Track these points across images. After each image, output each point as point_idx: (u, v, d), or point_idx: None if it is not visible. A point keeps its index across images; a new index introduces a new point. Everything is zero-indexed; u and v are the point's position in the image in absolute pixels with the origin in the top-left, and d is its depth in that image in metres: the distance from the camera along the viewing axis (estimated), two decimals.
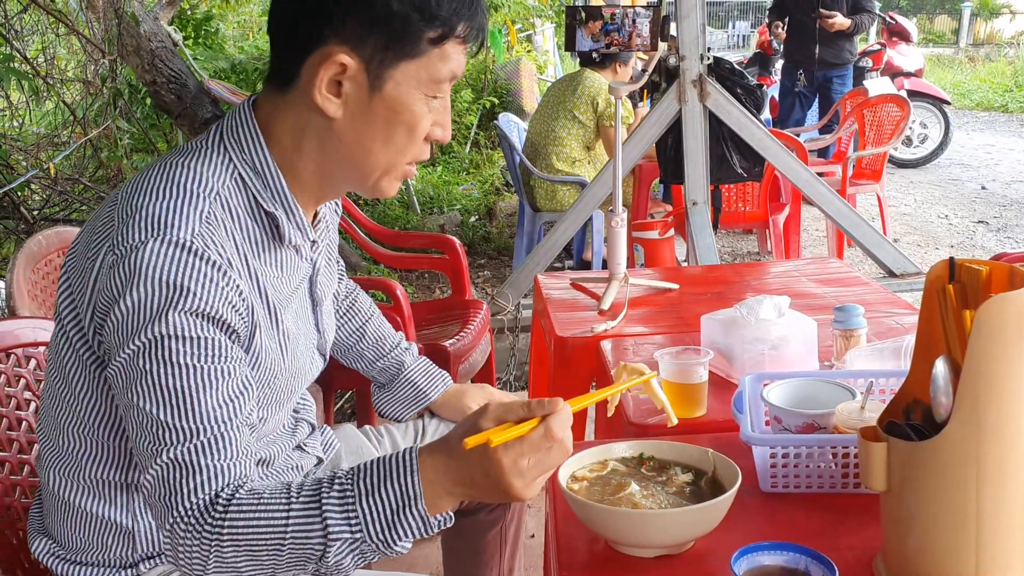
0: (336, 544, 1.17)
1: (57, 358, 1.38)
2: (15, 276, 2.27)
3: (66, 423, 1.39)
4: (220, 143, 1.34)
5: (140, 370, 1.20)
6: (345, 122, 1.31)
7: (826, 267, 3.10)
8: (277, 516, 1.17)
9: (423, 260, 4.25)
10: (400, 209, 7.07)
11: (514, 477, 1.15)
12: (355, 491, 1.18)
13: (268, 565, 1.20)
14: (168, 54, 5.24)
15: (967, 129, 12.58)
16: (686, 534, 1.30)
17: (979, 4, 25.06)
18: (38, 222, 4.68)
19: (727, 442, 1.57)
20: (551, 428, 1.16)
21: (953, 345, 1.18)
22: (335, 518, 1.17)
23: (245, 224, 1.32)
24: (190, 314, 1.20)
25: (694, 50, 4.08)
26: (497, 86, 9.89)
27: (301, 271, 1.46)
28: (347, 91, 1.29)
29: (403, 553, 1.20)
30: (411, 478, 1.17)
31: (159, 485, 1.20)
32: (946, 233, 7.01)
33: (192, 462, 1.19)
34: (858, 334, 1.97)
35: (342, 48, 1.27)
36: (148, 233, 1.21)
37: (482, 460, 1.15)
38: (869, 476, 1.18)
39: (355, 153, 1.34)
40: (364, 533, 1.17)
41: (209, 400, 1.21)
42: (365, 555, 1.19)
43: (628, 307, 2.65)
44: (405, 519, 1.17)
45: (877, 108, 6.25)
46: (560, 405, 1.18)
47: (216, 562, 1.19)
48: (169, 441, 1.19)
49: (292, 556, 1.18)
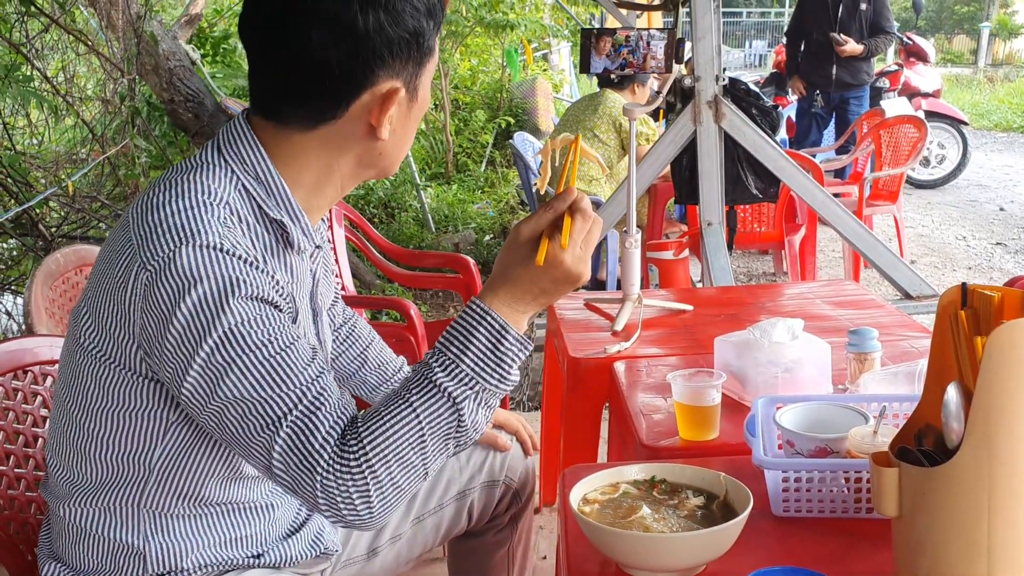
0: (465, 405, 1.26)
1: (75, 387, 1.38)
2: (33, 294, 2.29)
3: (82, 447, 1.39)
4: (219, 156, 1.35)
5: (223, 364, 1.22)
6: (390, 139, 1.37)
7: (841, 289, 3.10)
8: (405, 414, 1.24)
9: (437, 279, 4.25)
10: (415, 227, 7.09)
11: (579, 266, 1.29)
12: (452, 358, 1.26)
13: (419, 463, 1.25)
14: (186, 73, 5.29)
15: (985, 150, 12.54)
16: (697, 558, 1.30)
17: (998, 24, 25.03)
18: (56, 239, 4.71)
19: (739, 465, 1.57)
20: (584, 211, 1.29)
21: (965, 371, 1.17)
22: (452, 385, 1.25)
23: (256, 231, 1.34)
24: (247, 299, 1.23)
25: (709, 71, 4.09)
26: (513, 105, 9.93)
27: (306, 280, 1.48)
28: (393, 113, 1.34)
29: (517, 381, 1.31)
30: (489, 318, 1.28)
31: (290, 456, 1.22)
32: (964, 255, 6.98)
33: (311, 420, 1.22)
34: (872, 357, 1.96)
35: (391, 80, 1.32)
36: (176, 242, 1.23)
37: (549, 269, 1.28)
38: (881, 501, 1.18)
39: (395, 156, 1.41)
40: (481, 383, 1.27)
41: (297, 363, 1.25)
42: (490, 402, 1.29)
43: (642, 328, 2.64)
44: (507, 350, 1.28)
45: (894, 129, 6.23)
46: (575, 192, 1.30)
47: (377, 489, 1.22)
48: (282, 412, 1.22)
49: (435, 441, 1.26)
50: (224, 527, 1.47)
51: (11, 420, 1.75)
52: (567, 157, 1.45)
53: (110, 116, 5.64)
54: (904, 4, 26.31)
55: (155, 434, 1.36)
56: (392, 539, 1.78)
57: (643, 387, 2.17)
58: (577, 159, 1.44)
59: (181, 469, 1.38)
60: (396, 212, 7.48)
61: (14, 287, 4.66)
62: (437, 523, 1.83)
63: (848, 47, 7.42)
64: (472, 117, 9.79)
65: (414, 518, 1.80)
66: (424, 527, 1.81)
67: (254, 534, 1.50)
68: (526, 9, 9.33)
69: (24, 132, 5.88)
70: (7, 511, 1.69)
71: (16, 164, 4.82)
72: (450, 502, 1.83)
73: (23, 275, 4.69)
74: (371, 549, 1.76)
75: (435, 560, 2.63)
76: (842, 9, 7.46)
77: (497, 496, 1.88)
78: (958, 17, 30.83)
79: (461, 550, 1.98)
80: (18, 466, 1.74)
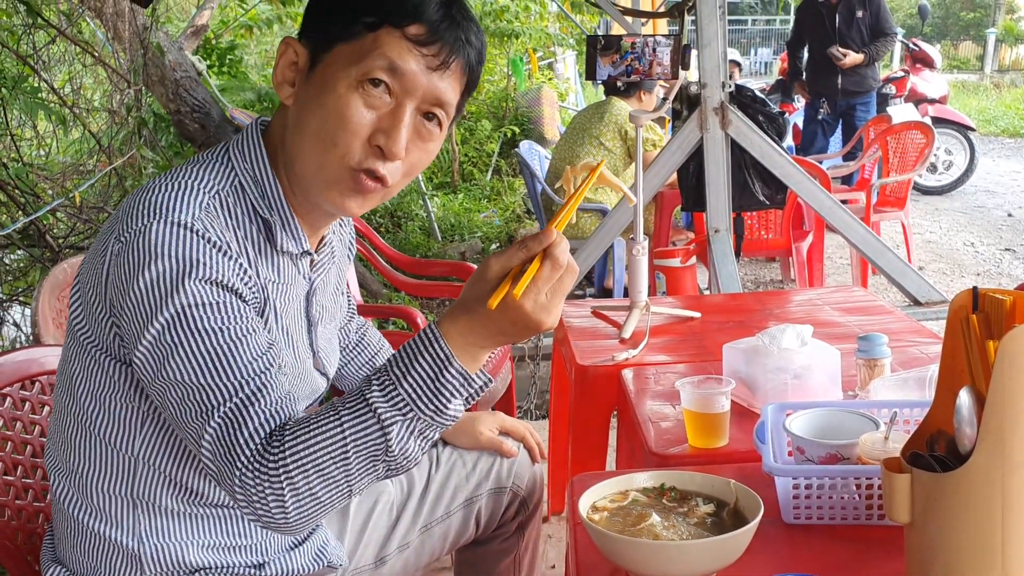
0: (393, 430, 1.19)
1: (65, 373, 1.41)
2: (40, 304, 2.29)
3: (72, 437, 1.41)
4: (225, 155, 1.39)
5: (170, 344, 1.22)
6: (293, 107, 1.35)
7: (850, 296, 3.08)
8: (331, 427, 1.20)
9: (444, 288, 4.25)
10: (421, 237, 7.10)
11: (540, 314, 1.19)
12: (391, 377, 1.21)
13: (342, 479, 1.21)
14: (192, 84, 5.30)
15: (993, 156, 12.51)
16: (707, 566, 1.28)
17: (1004, 30, 25.00)
18: (63, 250, 4.71)
19: (749, 473, 1.56)
20: (556, 258, 1.19)
21: (977, 375, 1.16)
22: (383, 406, 1.19)
23: (243, 225, 1.35)
24: (205, 282, 1.23)
25: (715, 78, 4.08)
26: (518, 114, 9.94)
27: (298, 286, 1.47)
28: (295, 77, 1.35)
29: (459, 417, 1.24)
30: (438, 344, 1.21)
31: (216, 446, 1.21)
32: (972, 261, 6.96)
33: (242, 413, 1.21)
34: (882, 363, 1.95)
35: (299, 40, 1.35)
36: (150, 217, 1.25)
37: (506, 312, 1.19)
38: (893, 508, 1.17)
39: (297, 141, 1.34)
40: (414, 410, 1.20)
41: (243, 355, 1.24)
42: (425, 433, 1.22)
43: (649, 335, 2.64)
44: (446, 381, 1.20)
45: (901, 135, 6.22)
46: (553, 234, 1.20)
47: (293, 496, 1.20)
48: (216, 402, 1.21)
49: (359, 460, 1.21)
50: (223, 532, 1.46)
51: (18, 430, 1.75)
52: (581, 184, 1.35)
53: (117, 127, 5.65)
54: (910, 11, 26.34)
55: (134, 419, 1.37)
56: (400, 548, 1.77)
57: (651, 394, 2.16)
58: (586, 188, 1.35)
59: (165, 457, 1.39)
60: (402, 221, 7.48)
61: (22, 298, 4.66)
62: (445, 531, 1.82)
63: (848, 59, 7.42)
64: (478, 126, 9.80)
65: (422, 526, 1.79)
66: (432, 535, 1.81)
67: (256, 543, 1.50)
68: (531, 18, 9.34)
69: (31, 143, 5.89)
70: (14, 521, 1.69)
71: (23, 175, 4.83)
72: (457, 510, 1.82)
73: (31, 286, 4.69)
74: (379, 558, 1.75)
75: (443, 569, 2.62)
76: (839, 19, 7.46)
77: (504, 503, 1.87)
78: (964, 23, 30.82)
79: (468, 559, 1.97)
80: (25, 476, 1.73)
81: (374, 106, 1.31)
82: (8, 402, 1.74)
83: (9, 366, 1.76)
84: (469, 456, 1.85)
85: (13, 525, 1.68)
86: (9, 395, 1.74)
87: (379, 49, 1.29)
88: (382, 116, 1.31)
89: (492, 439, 1.85)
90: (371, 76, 1.29)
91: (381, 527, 1.76)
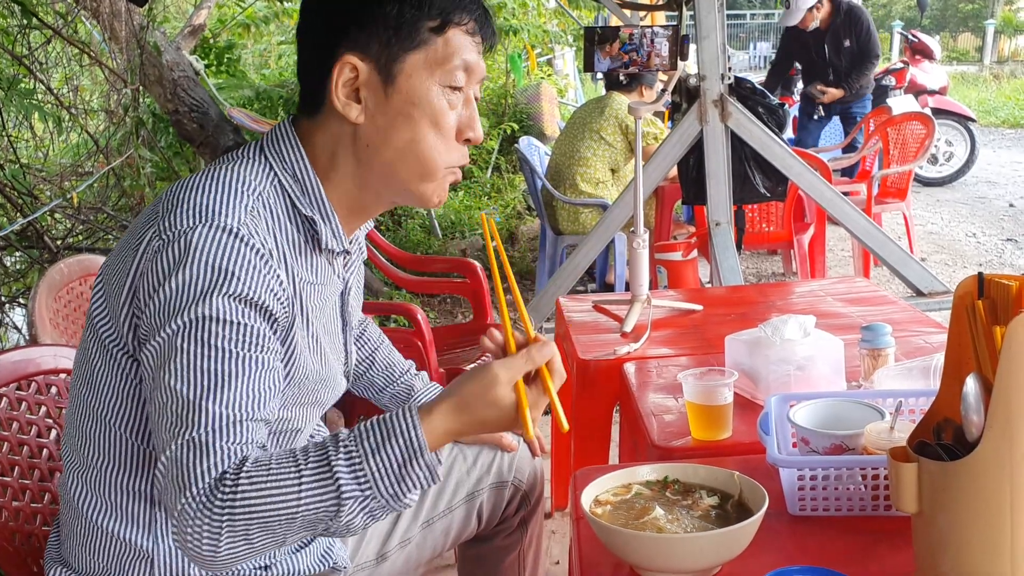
0: (348, 503, 1.20)
1: (85, 363, 1.40)
2: (37, 304, 2.28)
3: (90, 430, 1.40)
4: (260, 153, 1.39)
5: (178, 348, 1.22)
6: (369, 125, 1.36)
7: (852, 287, 3.07)
8: (289, 484, 1.19)
9: (444, 284, 4.24)
10: (422, 234, 7.08)
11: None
12: (360, 451, 1.21)
13: (280, 532, 1.21)
14: (190, 83, 5.29)
15: (993, 146, 12.49)
16: (712, 559, 1.27)
17: (1003, 21, 24.99)
18: (61, 251, 4.70)
19: (753, 464, 1.54)
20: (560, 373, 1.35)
21: (983, 362, 1.15)
22: (345, 478, 1.20)
23: (284, 226, 1.36)
24: (234, 298, 1.23)
25: (715, 70, 4.06)
26: (517, 110, 9.91)
27: (333, 285, 1.48)
28: (364, 95, 1.34)
29: (411, 506, 1.25)
30: (412, 434, 1.22)
31: (172, 466, 1.20)
32: (974, 251, 6.94)
33: (209, 443, 1.20)
34: (886, 353, 1.93)
35: (353, 54, 1.33)
36: (197, 220, 1.25)
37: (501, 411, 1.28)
38: (900, 498, 1.15)
39: (386, 155, 1.37)
40: (374, 490, 1.21)
41: (239, 387, 1.23)
42: (375, 512, 1.23)
43: (651, 329, 2.62)
44: (412, 472, 1.22)
45: (901, 126, 6.20)
46: (553, 346, 1.33)
47: (229, 538, 1.19)
48: (192, 422, 1.20)
49: (304, 520, 1.21)
50: None
51: (15, 431, 1.73)
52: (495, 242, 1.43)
53: (114, 127, 5.64)
54: (909, 3, 26.31)
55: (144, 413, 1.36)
56: (401, 543, 1.76)
57: (654, 388, 2.15)
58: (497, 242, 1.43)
59: None
60: (403, 219, 7.47)
61: (21, 300, 4.65)
62: (447, 526, 1.81)
63: (827, 97, 7.40)
64: None
65: (423, 522, 1.78)
66: (434, 531, 1.80)
67: None
68: (528, 15, 9.32)
69: (29, 145, 5.88)
70: (12, 523, 1.67)
71: (21, 177, 4.82)
72: (459, 505, 1.81)
73: (29, 288, 4.68)
74: (380, 554, 1.74)
75: (446, 567, 2.60)
76: (828, 48, 7.42)
77: (506, 498, 1.86)
78: (963, 15, 30.77)
79: (471, 555, 1.96)
80: (23, 477, 1.72)
81: (454, 104, 1.38)
82: (4, 402, 1.72)
83: (5, 366, 1.74)
84: (470, 451, 1.85)
85: (11, 526, 1.67)
86: (5, 395, 1.73)
87: (453, 51, 1.35)
88: (461, 111, 1.39)
89: (491, 435, 1.84)
90: (454, 84, 1.36)
91: (383, 523, 1.75)
